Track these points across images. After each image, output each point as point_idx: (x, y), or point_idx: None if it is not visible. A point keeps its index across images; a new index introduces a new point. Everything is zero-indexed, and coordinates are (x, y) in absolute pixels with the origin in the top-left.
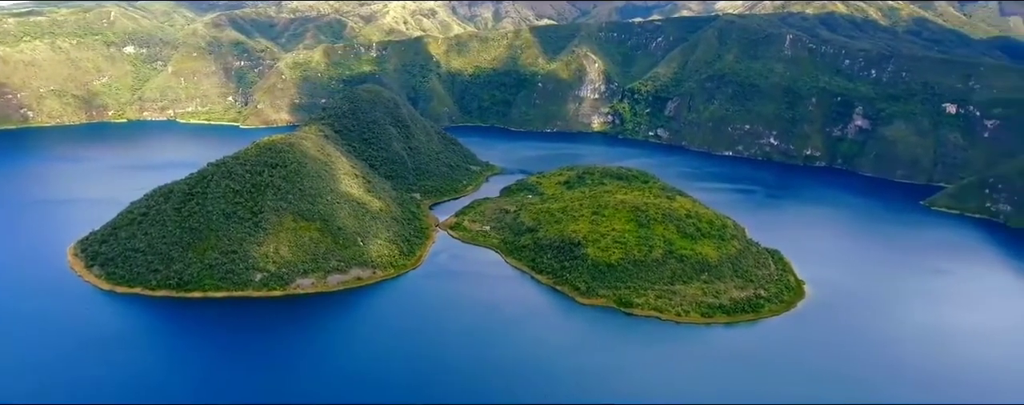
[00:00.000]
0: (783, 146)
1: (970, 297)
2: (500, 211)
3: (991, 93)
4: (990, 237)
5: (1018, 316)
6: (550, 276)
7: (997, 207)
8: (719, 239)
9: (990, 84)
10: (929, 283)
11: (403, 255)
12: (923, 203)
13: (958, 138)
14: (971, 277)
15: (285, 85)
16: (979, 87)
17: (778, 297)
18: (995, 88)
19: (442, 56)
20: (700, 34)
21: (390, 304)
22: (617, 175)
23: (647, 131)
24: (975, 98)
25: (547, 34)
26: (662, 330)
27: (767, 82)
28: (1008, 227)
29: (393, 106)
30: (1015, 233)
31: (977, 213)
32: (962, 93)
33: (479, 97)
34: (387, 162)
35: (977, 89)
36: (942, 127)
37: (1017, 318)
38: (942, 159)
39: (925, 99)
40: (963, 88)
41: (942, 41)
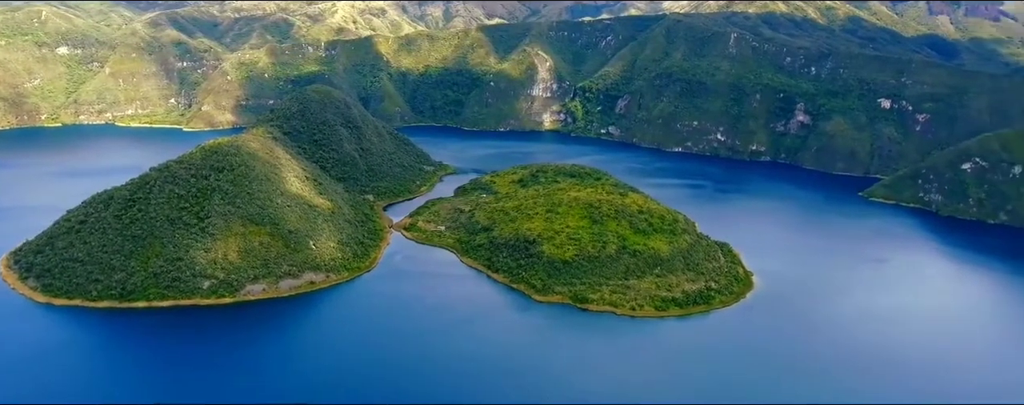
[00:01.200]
0: (730, 142)
1: (907, 283)
2: (455, 211)
3: (922, 88)
4: (923, 225)
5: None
6: (506, 275)
7: (929, 197)
8: (671, 234)
9: (920, 80)
10: (869, 271)
11: (357, 257)
12: (861, 194)
13: (892, 132)
14: (907, 264)
15: (230, 86)
16: (911, 83)
17: (728, 289)
18: (925, 84)
19: (392, 56)
20: (648, 33)
21: (344, 308)
22: (570, 173)
23: (599, 129)
24: (907, 93)
25: (498, 33)
26: (618, 325)
27: (713, 80)
28: (939, 215)
29: (344, 106)
30: (945, 221)
31: (911, 203)
32: (895, 89)
33: (431, 97)
34: (339, 164)
35: (909, 85)
36: (877, 121)
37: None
38: (878, 152)
39: (861, 95)
40: (896, 84)
41: (876, 39)
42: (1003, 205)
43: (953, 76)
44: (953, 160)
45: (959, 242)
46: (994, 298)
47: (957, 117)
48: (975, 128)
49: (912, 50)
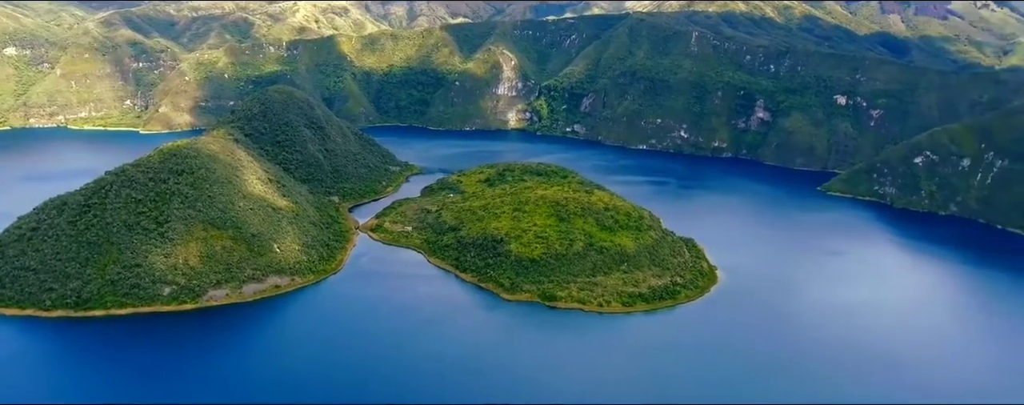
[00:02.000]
0: (693, 139)
1: (865, 276)
2: (422, 211)
3: (875, 85)
4: (878, 218)
5: (906, 291)
6: (474, 274)
7: (884, 190)
8: (636, 230)
9: (874, 77)
10: (828, 264)
11: (323, 260)
12: (819, 189)
13: (848, 127)
14: (865, 257)
15: (188, 87)
16: (865, 80)
17: (693, 283)
18: (878, 80)
19: (356, 55)
20: (612, 32)
21: (311, 311)
22: (537, 171)
23: (564, 127)
24: (862, 90)
25: (463, 32)
26: (586, 321)
27: (676, 78)
28: (893, 208)
29: (307, 107)
30: (899, 213)
31: (867, 196)
32: (850, 85)
33: (396, 96)
34: (302, 165)
35: (863, 82)
36: (834, 117)
37: (906, 292)
38: (835, 147)
39: (818, 91)
40: (851, 81)
41: (831, 37)
42: (953, 197)
43: (905, 73)
44: (905, 154)
45: (912, 234)
46: (947, 288)
47: (909, 112)
48: (926, 123)
49: (866, 48)
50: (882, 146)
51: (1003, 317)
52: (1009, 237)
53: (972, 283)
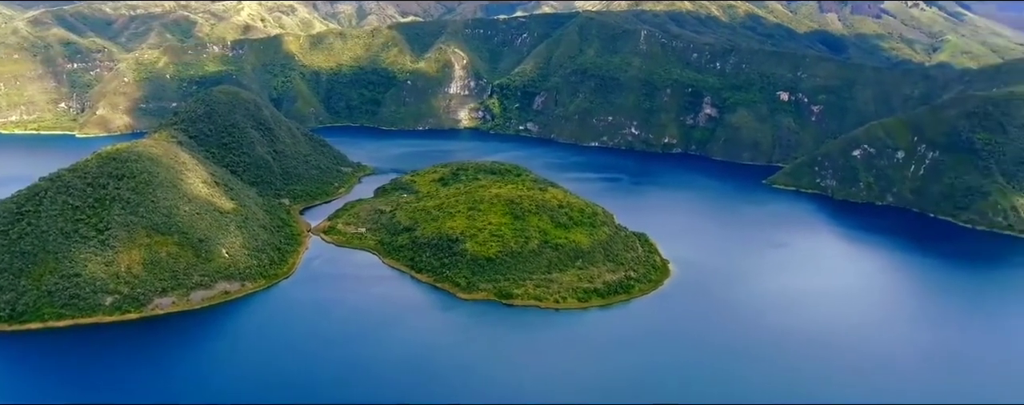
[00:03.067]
0: (643, 135)
1: (809, 266)
2: (375, 212)
3: (815, 81)
4: (820, 210)
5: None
6: (430, 274)
7: (825, 182)
8: (590, 226)
9: (814, 74)
10: (775, 255)
11: (274, 264)
12: (765, 182)
13: (791, 122)
14: (808, 247)
15: (127, 88)
16: (806, 76)
17: (646, 277)
18: (818, 77)
19: (304, 55)
20: (562, 31)
21: (262, 317)
22: (491, 170)
23: (517, 125)
24: (803, 86)
25: (413, 31)
26: (543, 318)
27: (626, 75)
28: (834, 199)
29: (254, 108)
30: (840, 205)
31: (809, 189)
32: (792, 82)
33: (346, 96)
34: (251, 167)
35: (804, 78)
36: (777, 113)
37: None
38: (779, 142)
39: (762, 88)
40: (793, 77)
41: (773, 35)
42: (889, 188)
43: (842, 70)
44: (844, 147)
45: (852, 224)
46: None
47: (847, 108)
48: (863, 117)
49: (806, 46)
50: (823, 140)
51: (935, 300)
52: (940, 225)
53: (907, 269)
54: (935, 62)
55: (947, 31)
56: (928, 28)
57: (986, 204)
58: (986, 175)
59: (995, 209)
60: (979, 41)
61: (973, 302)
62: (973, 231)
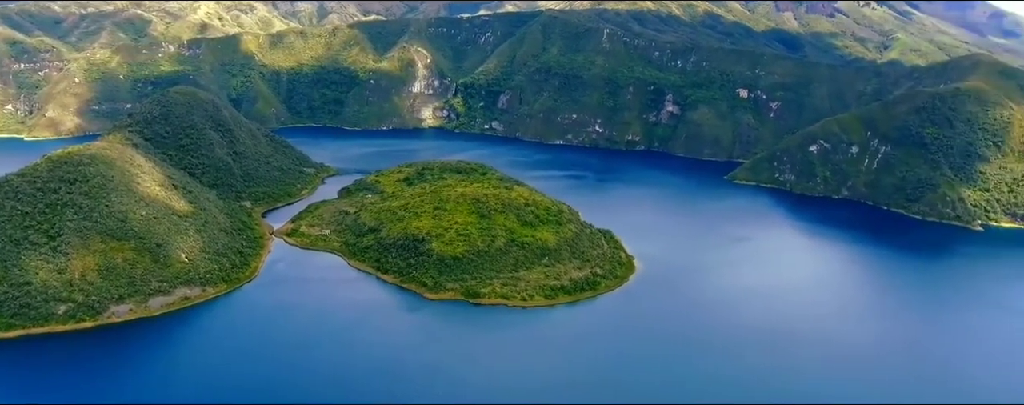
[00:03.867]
0: (607, 133)
1: (770, 258)
2: (339, 213)
3: (773, 79)
4: (779, 204)
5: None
6: (396, 275)
7: (783, 177)
8: (556, 224)
9: (772, 71)
10: (737, 249)
11: (235, 268)
12: (726, 178)
13: (750, 119)
14: (769, 240)
15: (79, 89)
16: (764, 74)
17: (612, 273)
18: (776, 74)
19: (264, 54)
20: (526, 29)
21: (224, 322)
22: (456, 169)
23: (482, 124)
24: (761, 84)
25: (376, 30)
26: (510, 316)
27: (589, 74)
28: (792, 193)
29: (212, 109)
30: (798, 198)
31: (769, 183)
32: (751, 79)
33: (308, 96)
34: (210, 170)
35: (762, 76)
36: (737, 110)
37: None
38: (739, 138)
39: (722, 85)
40: (751, 75)
41: (732, 34)
42: (845, 181)
43: (799, 67)
44: (802, 143)
45: (810, 217)
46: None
47: (804, 104)
48: (819, 114)
49: (763, 44)
50: (781, 136)
51: (890, 290)
52: (893, 217)
53: (863, 261)
54: (886, 60)
55: (897, 30)
56: (879, 27)
57: (935, 196)
58: (935, 168)
59: (944, 201)
60: (927, 39)
61: (924, 291)
62: (923, 222)
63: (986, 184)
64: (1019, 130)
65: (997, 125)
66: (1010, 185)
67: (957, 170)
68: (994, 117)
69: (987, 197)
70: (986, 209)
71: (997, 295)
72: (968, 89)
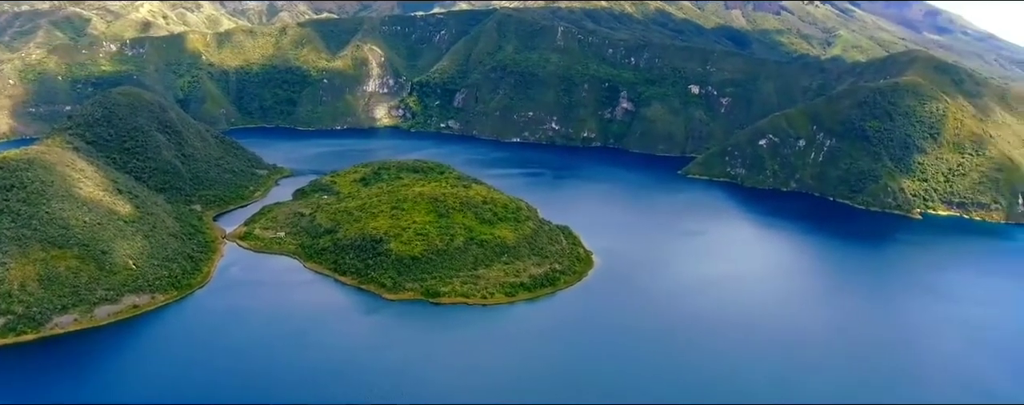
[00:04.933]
0: (564, 130)
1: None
2: (294, 215)
3: (723, 75)
4: (731, 197)
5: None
6: (354, 276)
7: (735, 171)
8: (515, 221)
9: (722, 67)
10: (692, 242)
11: (187, 274)
12: (680, 172)
13: (702, 114)
14: (722, 233)
15: (13, 90)
16: (714, 70)
17: (571, 269)
18: (726, 71)
19: (212, 54)
20: (481, 27)
21: (176, 330)
22: (413, 168)
23: (438, 123)
24: (712, 80)
25: (328, 28)
26: (470, 314)
27: (545, 71)
28: (743, 187)
29: (159, 110)
30: (749, 191)
31: (721, 177)
32: (702, 76)
33: (260, 96)
34: (157, 173)
35: (713, 72)
36: (689, 106)
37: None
38: (691, 133)
39: (674, 82)
40: (702, 71)
41: (683, 31)
42: (793, 174)
43: (747, 64)
44: (751, 137)
45: (760, 210)
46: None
47: (752, 99)
48: (767, 108)
49: (713, 41)
50: (731, 131)
51: (835, 277)
52: (839, 207)
53: (812, 250)
54: (829, 56)
55: (839, 27)
56: (822, 24)
57: (877, 187)
58: (877, 160)
59: (885, 191)
60: (867, 36)
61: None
62: (867, 212)
63: (924, 174)
64: (953, 122)
65: (933, 118)
66: (946, 175)
67: (897, 161)
68: (930, 110)
69: (925, 187)
70: (924, 198)
71: (931, 281)
72: (906, 84)
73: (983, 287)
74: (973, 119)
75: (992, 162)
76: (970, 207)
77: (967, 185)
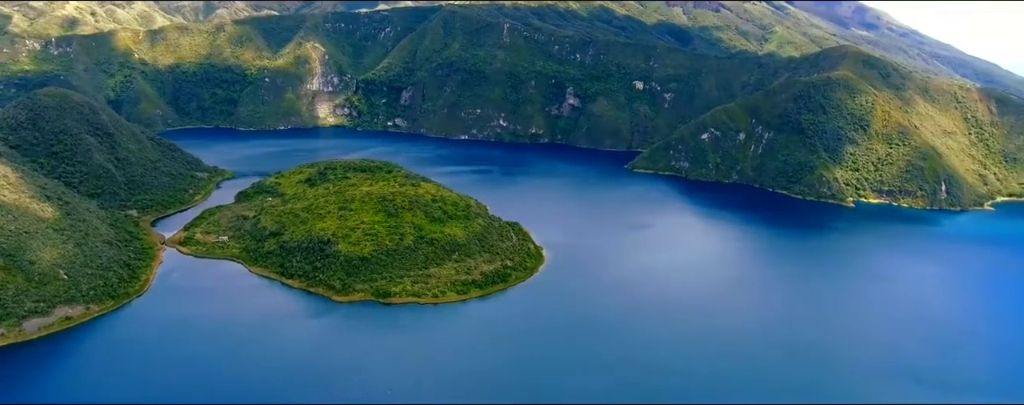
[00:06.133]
0: (511, 127)
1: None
2: (238, 218)
3: (666, 71)
4: (676, 190)
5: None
6: (302, 279)
7: (679, 164)
8: (465, 219)
9: (665, 63)
10: (639, 234)
11: (123, 282)
12: (626, 167)
13: (646, 109)
14: (668, 224)
15: None
16: (657, 66)
17: (522, 265)
18: (669, 67)
19: (146, 52)
20: (426, 24)
21: (112, 341)
22: (360, 168)
23: (385, 121)
24: (655, 75)
25: (268, 26)
26: (422, 314)
27: (491, 68)
28: (688, 179)
29: (89, 111)
30: (692, 184)
31: (666, 171)
32: (646, 72)
33: (198, 96)
34: (89, 178)
35: (656, 68)
36: (634, 101)
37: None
38: (637, 128)
39: (619, 78)
40: (646, 67)
41: (626, 28)
42: (734, 167)
43: (689, 59)
44: (694, 131)
45: (705, 201)
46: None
47: (694, 94)
48: (708, 103)
49: (656, 37)
50: (675, 125)
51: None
52: (778, 197)
53: (752, 238)
54: (766, 51)
55: (775, 23)
56: (759, 21)
57: (813, 177)
58: (812, 151)
59: (820, 181)
60: (801, 32)
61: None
62: (804, 201)
63: (855, 164)
64: (881, 114)
65: (863, 110)
66: (876, 165)
67: (831, 152)
68: (860, 103)
69: (857, 176)
70: (857, 187)
71: (862, 266)
72: (837, 78)
73: (909, 271)
74: (899, 111)
75: (917, 152)
76: (898, 195)
77: (895, 174)
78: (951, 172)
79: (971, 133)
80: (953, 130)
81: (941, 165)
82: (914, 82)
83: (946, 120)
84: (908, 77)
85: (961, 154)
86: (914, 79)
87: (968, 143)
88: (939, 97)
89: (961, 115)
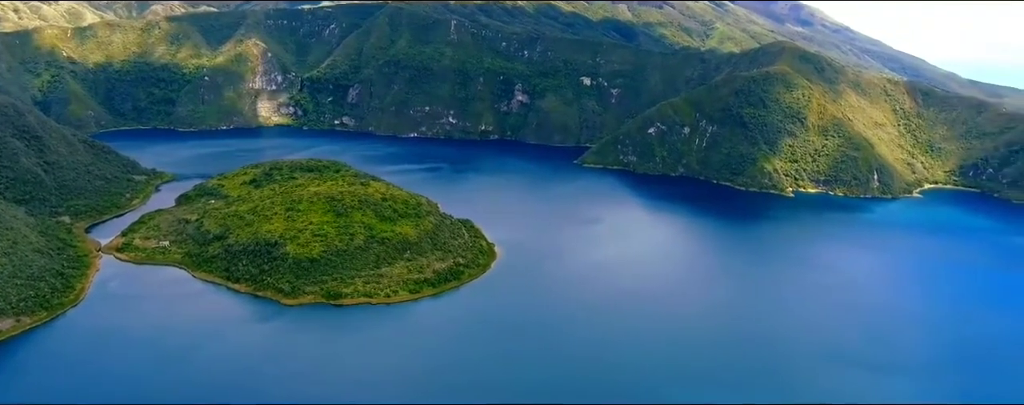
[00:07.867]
0: (461, 124)
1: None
2: (179, 222)
3: (613, 67)
4: (624, 184)
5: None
6: (248, 283)
7: (627, 158)
8: (416, 217)
9: (611, 59)
10: (590, 228)
11: (57, 292)
12: (576, 162)
13: (594, 105)
14: (618, 218)
15: None
16: (604, 62)
17: (475, 262)
18: (615, 62)
19: (75, 50)
20: (372, 21)
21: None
22: (307, 167)
23: (332, 120)
24: (602, 71)
25: (207, 23)
26: (374, 314)
27: (439, 65)
28: (636, 173)
29: (13, 113)
30: (640, 178)
31: (614, 165)
32: (593, 68)
33: (133, 96)
34: (16, 183)
35: (603, 64)
36: (582, 97)
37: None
38: (585, 124)
39: (567, 74)
40: (593, 63)
41: (573, 24)
42: (680, 160)
43: (635, 55)
44: (641, 126)
45: (652, 195)
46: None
47: (640, 90)
48: (654, 98)
49: (602, 34)
50: (622, 120)
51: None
52: (722, 189)
53: (698, 229)
54: (708, 47)
55: (716, 20)
56: (701, 17)
57: (755, 169)
58: (753, 144)
59: (762, 172)
60: (740, 28)
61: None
62: (747, 192)
63: (794, 156)
64: (817, 107)
65: (800, 104)
66: (813, 156)
67: (771, 145)
68: (797, 97)
69: (796, 167)
70: (795, 178)
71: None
72: (775, 73)
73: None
74: (833, 104)
75: (850, 143)
76: (834, 184)
77: (830, 164)
78: (882, 162)
79: (900, 124)
80: (883, 122)
81: (873, 155)
82: (846, 76)
83: (877, 112)
84: (841, 71)
85: (891, 144)
86: (846, 73)
87: (897, 134)
88: (870, 90)
89: (890, 107)
